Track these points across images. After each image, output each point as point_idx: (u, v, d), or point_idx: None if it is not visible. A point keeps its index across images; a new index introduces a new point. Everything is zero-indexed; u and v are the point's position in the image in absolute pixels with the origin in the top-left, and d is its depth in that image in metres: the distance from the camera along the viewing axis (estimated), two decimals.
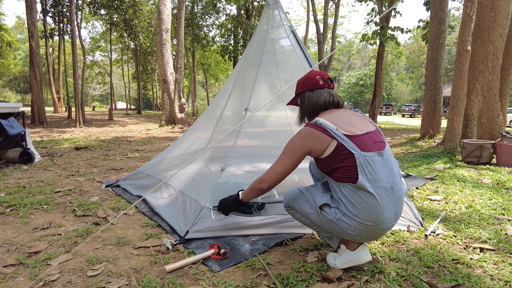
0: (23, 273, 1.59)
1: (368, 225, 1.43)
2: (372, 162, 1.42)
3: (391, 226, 1.49)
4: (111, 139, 7.92)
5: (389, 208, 1.45)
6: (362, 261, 1.57)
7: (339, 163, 1.43)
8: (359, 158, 1.40)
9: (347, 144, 1.42)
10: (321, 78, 1.65)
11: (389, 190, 1.44)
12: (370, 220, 1.42)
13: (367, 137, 1.47)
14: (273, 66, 3.09)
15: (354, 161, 1.40)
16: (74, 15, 12.01)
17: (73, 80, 11.88)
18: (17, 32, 41.55)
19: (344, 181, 1.43)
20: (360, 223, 1.43)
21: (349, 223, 1.45)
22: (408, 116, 30.58)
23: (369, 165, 1.41)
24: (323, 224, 1.55)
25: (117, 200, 2.80)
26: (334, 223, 1.49)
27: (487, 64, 5.02)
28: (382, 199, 1.42)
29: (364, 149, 1.42)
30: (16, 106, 4.36)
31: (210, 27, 22.49)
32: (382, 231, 1.48)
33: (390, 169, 1.47)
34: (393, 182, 1.47)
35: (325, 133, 1.45)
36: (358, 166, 1.40)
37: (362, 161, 1.40)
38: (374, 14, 13.43)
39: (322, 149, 1.45)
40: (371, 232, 1.46)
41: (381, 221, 1.43)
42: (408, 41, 49.25)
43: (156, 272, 1.61)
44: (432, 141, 7.06)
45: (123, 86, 41.77)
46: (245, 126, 2.73)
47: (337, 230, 1.51)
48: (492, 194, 2.92)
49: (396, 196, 1.47)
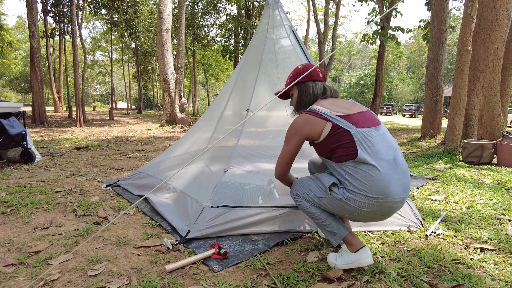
0: (23, 273, 1.59)
1: (377, 198, 1.43)
2: (370, 136, 1.46)
3: (401, 200, 1.48)
4: (111, 139, 7.93)
5: (395, 180, 1.45)
6: (363, 264, 1.56)
7: (337, 142, 1.47)
8: (356, 135, 1.45)
9: (342, 124, 1.46)
10: (320, 71, 1.73)
11: (391, 163, 1.46)
12: (378, 193, 1.43)
13: (361, 115, 1.52)
14: (273, 66, 3.09)
15: (351, 138, 1.44)
16: (75, 15, 12.01)
17: (74, 80, 11.89)
18: (18, 32, 41.58)
19: (345, 159, 1.46)
20: (369, 198, 1.44)
21: (359, 200, 1.45)
22: (408, 116, 30.56)
23: (367, 140, 1.45)
24: (334, 206, 1.55)
25: (117, 199, 2.80)
26: (344, 203, 1.49)
27: (488, 64, 5.01)
28: (385, 171, 1.43)
29: (360, 125, 1.47)
30: (17, 106, 4.37)
31: (211, 27, 22.51)
32: (393, 205, 1.46)
33: (389, 143, 1.50)
34: (395, 155, 1.49)
35: (320, 117, 1.50)
36: (356, 142, 1.44)
37: (360, 137, 1.45)
38: (375, 14, 13.42)
39: (319, 132, 1.50)
40: (382, 206, 1.45)
41: (389, 193, 1.43)
42: (409, 41, 49.21)
43: (156, 271, 1.61)
44: (433, 141, 7.06)
45: (123, 86, 41.82)
46: (246, 126, 2.73)
47: (349, 210, 1.50)
48: (492, 194, 2.92)
49: (400, 169, 1.48)
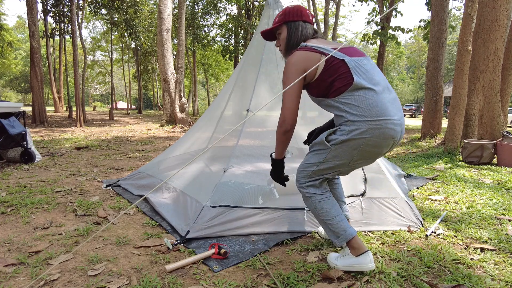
0: (24, 273, 1.59)
1: (378, 120, 1.43)
2: (363, 64, 1.51)
3: (400, 123, 1.48)
4: (111, 139, 7.93)
5: (391, 103, 1.49)
6: (365, 269, 1.53)
7: (333, 75, 1.48)
8: (350, 62, 1.48)
9: (336, 54, 1.49)
10: (310, 14, 1.70)
11: (386, 88, 1.51)
12: (378, 115, 1.43)
13: (350, 48, 1.57)
14: (273, 66, 3.09)
15: (347, 68, 1.47)
16: (75, 15, 12.01)
17: (74, 79, 11.89)
18: (18, 32, 41.58)
19: (343, 90, 1.47)
20: (369, 122, 1.43)
21: (360, 128, 1.44)
22: (409, 116, 30.54)
23: (361, 66, 1.49)
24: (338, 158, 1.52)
25: (117, 199, 2.80)
26: (347, 142, 1.47)
27: (488, 64, 5.01)
28: (381, 93, 1.47)
29: (352, 55, 1.52)
30: (17, 106, 4.37)
31: (211, 27, 22.52)
32: (394, 127, 1.46)
33: (380, 72, 1.55)
34: (387, 84, 1.54)
35: (313, 51, 1.51)
36: (351, 69, 1.47)
37: (354, 65, 1.48)
38: (375, 14, 13.42)
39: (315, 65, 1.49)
40: (384, 129, 1.44)
41: (388, 113, 1.45)
42: (409, 41, 49.20)
43: (156, 271, 1.61)
44: (433, 141, 7.06)
45: (123, 86, 41.84)
46: (246, 126, 2.73)
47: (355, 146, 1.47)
48: (493, 194, 2.92)
49: (394, 96, 1.53)
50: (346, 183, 2.33)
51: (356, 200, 2.22)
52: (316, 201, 1.61)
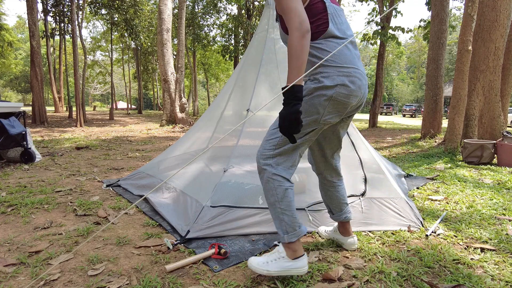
0: (24, 273, 1.59)
1: (347, 67, 1.45)
2: (340, 14, 1.53)
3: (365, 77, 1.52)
4: (112, 139, 7.93)
5: (358, 59, 1.52)
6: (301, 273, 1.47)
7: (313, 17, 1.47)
8: (329, 8, 1.49)
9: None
10: None
11: (354, 44, 1.54)
12: (347, 62, 1.46)
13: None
14: (274, 66, 3.09)
15: (325, 11, 1.47)
16: (75, 15, 12.01)
17: (74, 79, 11.89)
18: (18, 31, 41.61)
19: (317, 36, 1.47)
20: (339, 69, 1.44)
21: (329, 73, 1.43)
22: (409, 116, 30.56)
23: (338, 16, 1.51)
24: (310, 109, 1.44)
25: (118, 199, 2.80)
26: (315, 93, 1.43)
27: (488, 64, 5.01)
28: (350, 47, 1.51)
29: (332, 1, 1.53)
30: (17, 106, 4.37)
31: (211, 27, 22.53)
32: (362, 77, 1.48)
33: (350, 29, 1.57)
34: (355, 41, 1.57)
35: None
36: (329, 15, 1.48)
37: (332, 11, 1.49)
38: (375, 14, 13.42)
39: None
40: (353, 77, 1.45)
41: (357, 64, 1.49)
42: (409, 41, 49.21)
43: (156, 271, 1.61)
44: (433, 141, 7.06)
45: (124, 86, 41.86)
46: (246, 126, 2.73)
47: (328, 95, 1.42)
48: (493, 194, 2.92)
49: (359, 54, 1.57)
50: (346, 183, 2.33)
51: (356, 200, 2.22)
52: (282, 187, 1.45)
